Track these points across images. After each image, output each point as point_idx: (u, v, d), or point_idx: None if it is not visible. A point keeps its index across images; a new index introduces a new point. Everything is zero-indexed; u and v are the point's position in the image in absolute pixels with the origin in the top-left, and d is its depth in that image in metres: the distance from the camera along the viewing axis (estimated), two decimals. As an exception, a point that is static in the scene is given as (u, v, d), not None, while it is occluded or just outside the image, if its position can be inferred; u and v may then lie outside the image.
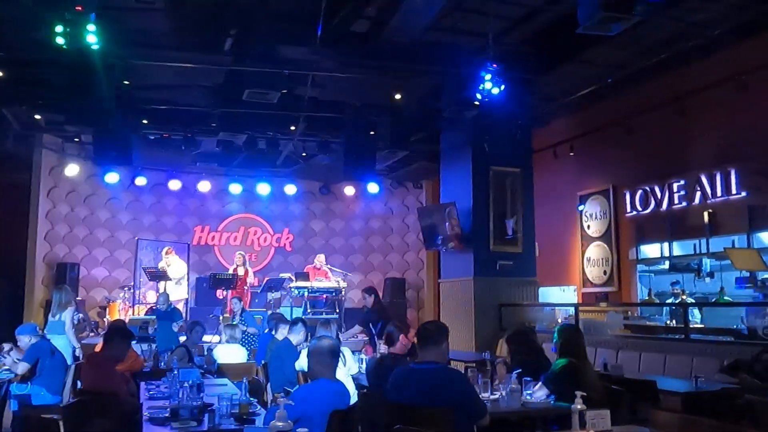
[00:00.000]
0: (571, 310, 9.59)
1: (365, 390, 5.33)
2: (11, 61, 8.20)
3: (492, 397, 4.71)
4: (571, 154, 11.16)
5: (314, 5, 7.37)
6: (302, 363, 5.76)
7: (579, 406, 3.63)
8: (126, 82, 8.14)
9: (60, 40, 6.03)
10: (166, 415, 4.03)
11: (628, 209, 10.83)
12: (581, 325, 9.13)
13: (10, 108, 10.18)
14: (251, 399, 4.44)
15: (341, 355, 4.98)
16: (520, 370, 4.97)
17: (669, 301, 10.25)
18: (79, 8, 5.78)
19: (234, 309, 10.81)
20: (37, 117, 10.55)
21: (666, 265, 10.74)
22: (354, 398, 4.95)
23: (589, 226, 11.68)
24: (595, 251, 11.51)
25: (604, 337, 8.53)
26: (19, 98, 9.57)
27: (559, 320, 9.88)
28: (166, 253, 13.51)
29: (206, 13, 7.81)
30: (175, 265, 13.48)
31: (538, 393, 4.69)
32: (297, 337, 6.54)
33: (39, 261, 12.60)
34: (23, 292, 12.06)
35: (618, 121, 10.25)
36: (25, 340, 6.44)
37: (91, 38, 6.06)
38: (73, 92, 7.75)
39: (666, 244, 10.41)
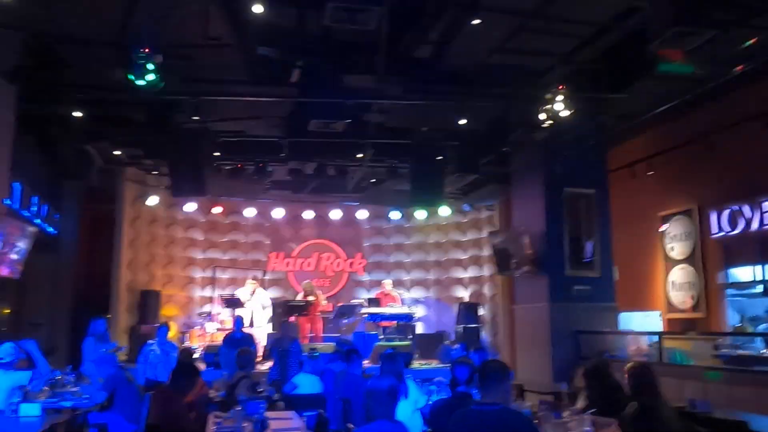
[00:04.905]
0: (655, 338, 9.05)
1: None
2: (91, 101, 8.60)
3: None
4: (650, 173, 10.62)
5: (376, 34, 7.35)
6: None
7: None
8: (195, 118, 8.39)
9: (138, 81, 6.31)
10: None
11: (715, 230, 10.18)
12: (665, 355, 8.65)
13: (93, 144, 10.70)
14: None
15: (405, 387, 4.86)
16: (594, 410, 4.72)
17: (764, 326, 9.55)
18: (146, 50, 6.03)
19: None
20: (117, 153, 11.04)
21: (760, 289, 10.03)
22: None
23: (672, 248, 11.07)
24: (680, 274, 10.87)
25: (691, 369, 7.99)
26: (101, 135, 10.04)
27: (644, 347, 9.39)
28: (252, 279, 13.67)
29: (273, 46, 7.94)
30: (260, 292, 13.66)
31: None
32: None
33: (123, 288, 13.06)
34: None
35: (700, 137, 9.67)
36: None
37: (150, 77, 6.30)
38: (148, 129, 8.09)
39: (759, 267, 9.71)
